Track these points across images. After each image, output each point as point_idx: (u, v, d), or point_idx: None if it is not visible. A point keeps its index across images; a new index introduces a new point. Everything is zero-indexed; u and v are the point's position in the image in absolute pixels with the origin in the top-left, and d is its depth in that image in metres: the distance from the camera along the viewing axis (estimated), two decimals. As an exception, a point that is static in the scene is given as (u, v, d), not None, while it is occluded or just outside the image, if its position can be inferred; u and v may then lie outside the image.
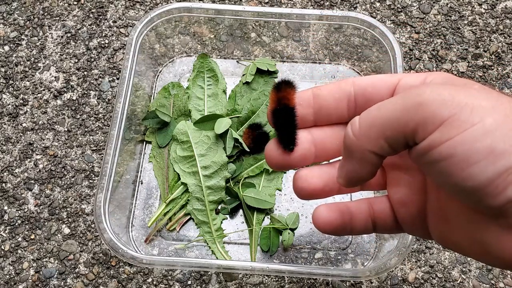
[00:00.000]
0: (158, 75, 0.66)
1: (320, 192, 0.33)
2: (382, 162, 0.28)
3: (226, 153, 0.58)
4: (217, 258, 0.55)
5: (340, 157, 0.32)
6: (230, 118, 0.60)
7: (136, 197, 0.59)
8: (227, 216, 0.58)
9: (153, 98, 0.64)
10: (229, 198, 0.58)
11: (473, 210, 0.27)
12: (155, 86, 0.65)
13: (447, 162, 0.25)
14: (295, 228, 0.56)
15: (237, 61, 0.67)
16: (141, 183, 0.60)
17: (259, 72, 0.64)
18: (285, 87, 0.32)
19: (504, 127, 0.25)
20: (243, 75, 0.64)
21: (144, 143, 0.62)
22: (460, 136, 0.25)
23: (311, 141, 0.34)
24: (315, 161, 0.34)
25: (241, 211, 0.58)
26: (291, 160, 0.33)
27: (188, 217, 0.58)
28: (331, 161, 0.34)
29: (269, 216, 0.57)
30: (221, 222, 0.57)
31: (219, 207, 0.58)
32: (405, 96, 0.27)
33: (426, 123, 0.25)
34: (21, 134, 0.63)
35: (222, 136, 0.59)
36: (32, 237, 0.57)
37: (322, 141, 0.34)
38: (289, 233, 0.55)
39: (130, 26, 0.70)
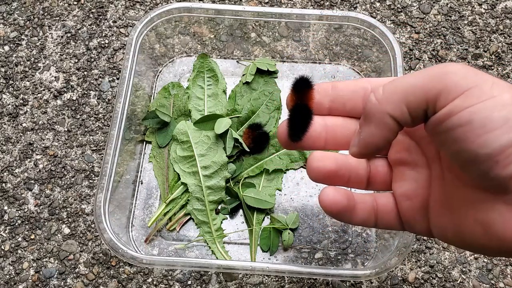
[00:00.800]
0: (158, 75, 0.66)
1: (332, 175, 0.35)
2: (397, 133, 0.30)
3: (226, 153, 0.58)
4: (217, 258, 0.55)
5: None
6: (230, 118, 0.60)
7: (136, 197, 0.59)
8: (227, 216, 0.58)
9: (153, 98, 0.64)
10: (229, 198, 0.58)
11: (479, 190, 0.29)
12: (155, 86, 0.65)
13: (465, 128, 0.27)
14: (295, 228, 0.56)
15: (237, 61, 0.67)
16: (141, 183, 0.60)
17: (259, 72, 0.64)
18: (304, 88, 0.34)
19: None
20: (243, 75, 0.64)
21: (144, 143, 0.62)
22: (480, 104, 0.26)
23: (323, 126, 0.35)
24: (324, 147, 0.36)
25: (241, 211, 0.58)
26: (302, 140, 0.35)
27: (188, 217, 0.57)
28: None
29: (269, 216, 0.57)
30: (221, 222, 0.57)
31: (219, 207, 0.58)
32: (430, 68, 0.29)
33: (449, 90, 0.27)
34: (21, 134, 0.63)
35: (222, 136, 0.59)
36: (32, 237, 0.57)
37: (333, 128, 0.35)
38: (289, 233, 0.55)
39: (130, 26, 0.70)
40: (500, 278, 0.55)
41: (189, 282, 0.55)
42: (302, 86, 0.34)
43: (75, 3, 0.71)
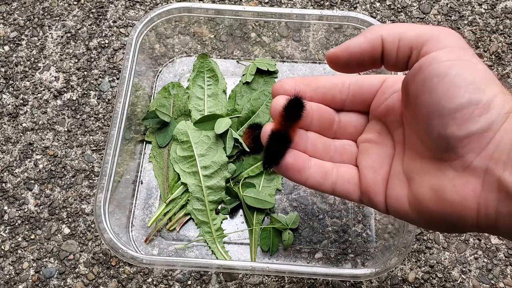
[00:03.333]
0: (158, 75, 0.66)
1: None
2: (374, 62, 0.35)
3: (226, 153, 0.58)
4: (217, 258, 0.55)
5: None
6: (230, 118, 0.60)
7: (136, 197, 0.59)
8: (227, 216, 0.58)
9: (153, 98, 0.64)
10: (229, 198, 0.58)
11: (434, 160, 0.32)
12: (155, 86, 0.65)
13: (439, 79, 0.31)
14: (295, 228, 0.56)
15: (237, 61, 0.67)
16: (141, 183, 0.60)
17: (259, 72, 0.64)
18: (292, 116, 0.37)
19: (489, 75, 0.31)
20: (243, 75, 0.64)
21: (144, 143, 0.62)
22: (458, 62, 0.31)
23: (310, 106, 0.39)
24: (310, 126, 0.40)
25: (241, 211, 0.58)
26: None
27: (188, 217, 0.57)
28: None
29: (269, 216, 0.57)
30: (221, 222, 0.57)
31: (219, 207, 0.58)
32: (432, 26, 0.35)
33: (438, 40, 0.32)
34: (21, 134, 0.63)
35: (222, 136, 0.59)
36: (32, 237, 0.57)
37: (318, 109, 0.40)
38: (289, 233, 0.55)
39: (130, 26, 0.70)
40: (500, 278, 0.55)
41: (189, 282, 0.55)
42: (293, 110, 0.37)
43: (75, 3, 0.71)
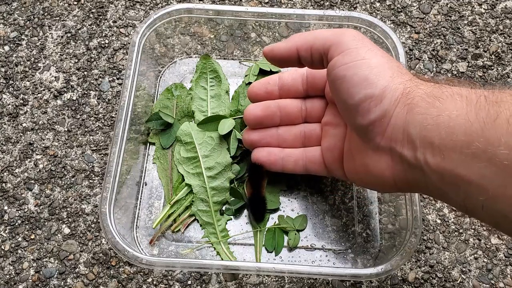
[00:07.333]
0: (160, 76, 0.66)
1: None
2: (291, 63, 0.42)
3: (230, 154, 0.58)
4: (222, 259, 0.55)
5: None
6: (234, 119, 0.59)
7: (140, 198, 0.59)
8: (232, 217, 0.57)
9: (156, 99, 0.64)
10: (233, 199, 0.57)
11: (361, 142, 0.38)
12: (158, 87, 0.65)
13: (340, 81, 0.35)
14: (302, 229, 0.56)
15: (239, 62, 0.67)
16: (145, 185, 0.60)
17: (262, 72, 0.64)
18: (257, 177, 0.52)
19: (382, 67, 0.34)
20: (246, 75, 0.64)
21: (148, 144, 0.62)
22: (352, 63, 0.34)
23: (277, 106, 0.48)
24: (280, 123, 0.49)
25: (245, 211, 0.58)
26: (262, 119, 0.49)
27: (193, 218, 0.57)
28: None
29: (273, 216, 0.57)
30: (226, 223, 0.57)
31: (224, 208, 0.57)
32: (339, 29, 0.40)
33: (337, 46, 0.36)
34: (21, 134, 0.63)
35: (226, 137, 0.58)
36: (32, 237, 0.57)
37: (285, 107, 0.48)
38: (295, 234, 0.55)
39: (130, 26, 0.70)
40: (500, 278, 0.55)
41: (189, 282, 0.55)
42: (256, 174, 0.51)
43: (75, 3, 0.71)
